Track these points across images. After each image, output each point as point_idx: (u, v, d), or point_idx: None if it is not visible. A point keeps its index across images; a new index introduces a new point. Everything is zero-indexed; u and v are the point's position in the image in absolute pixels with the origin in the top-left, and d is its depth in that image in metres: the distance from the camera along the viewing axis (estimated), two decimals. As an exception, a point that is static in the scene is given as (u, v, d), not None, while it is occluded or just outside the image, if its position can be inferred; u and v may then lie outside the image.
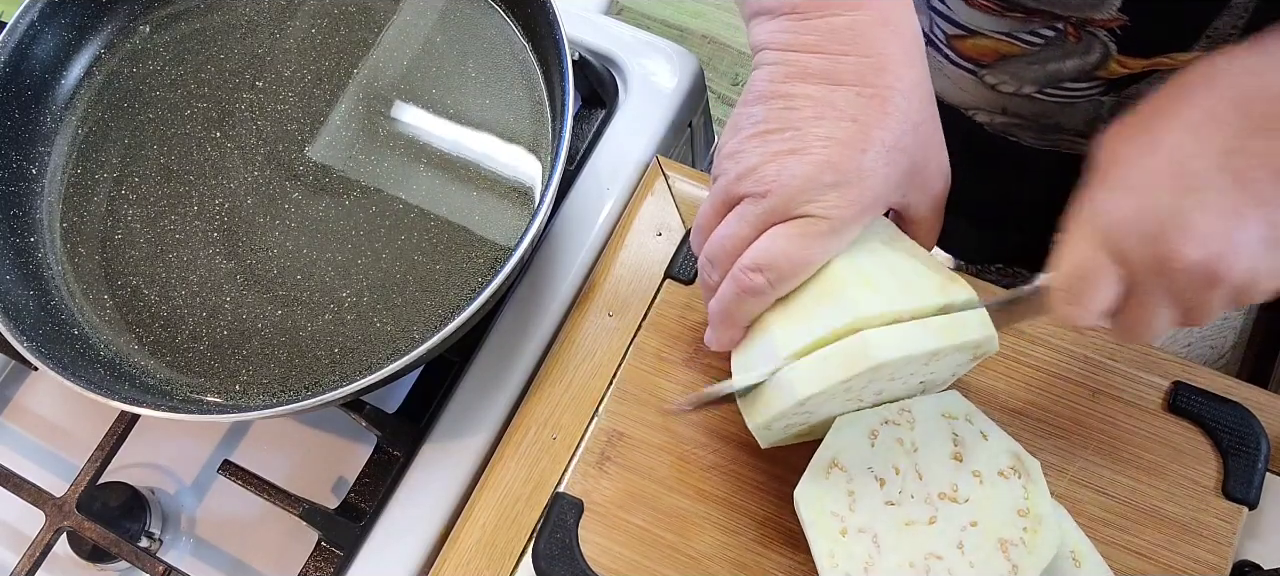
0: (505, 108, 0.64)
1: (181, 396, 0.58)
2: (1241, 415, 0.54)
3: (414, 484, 0.60)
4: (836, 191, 0.45)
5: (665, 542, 0.54)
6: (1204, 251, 0.41)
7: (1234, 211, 0.41)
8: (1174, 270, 0.41)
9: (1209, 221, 0.41)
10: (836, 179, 0.44)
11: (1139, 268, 0.42)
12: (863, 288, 0.46)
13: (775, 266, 0.46)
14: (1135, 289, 0.43)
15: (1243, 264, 0.41)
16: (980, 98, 0.66)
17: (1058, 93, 0.62)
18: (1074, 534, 0.50)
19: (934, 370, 0.50)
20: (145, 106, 0.66)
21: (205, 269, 0.61)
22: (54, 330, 0.59)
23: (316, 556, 0.59)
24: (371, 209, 0.62)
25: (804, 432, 0.52)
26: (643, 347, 0.59)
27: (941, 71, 0.66)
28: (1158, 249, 0.41)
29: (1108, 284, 0.43)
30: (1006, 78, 0.63)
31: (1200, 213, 0.41)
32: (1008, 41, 0.59)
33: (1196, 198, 0.41)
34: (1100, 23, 0.55)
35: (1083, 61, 0.58)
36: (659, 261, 0.62)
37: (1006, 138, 0.69)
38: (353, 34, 0.67)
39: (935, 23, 0.62)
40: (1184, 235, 0.41)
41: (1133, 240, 0.42)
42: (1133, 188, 0.42)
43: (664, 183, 0.65)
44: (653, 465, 0.56)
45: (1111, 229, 0.42)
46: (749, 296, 0.47)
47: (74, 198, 0.63)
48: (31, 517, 0.60)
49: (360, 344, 0.58)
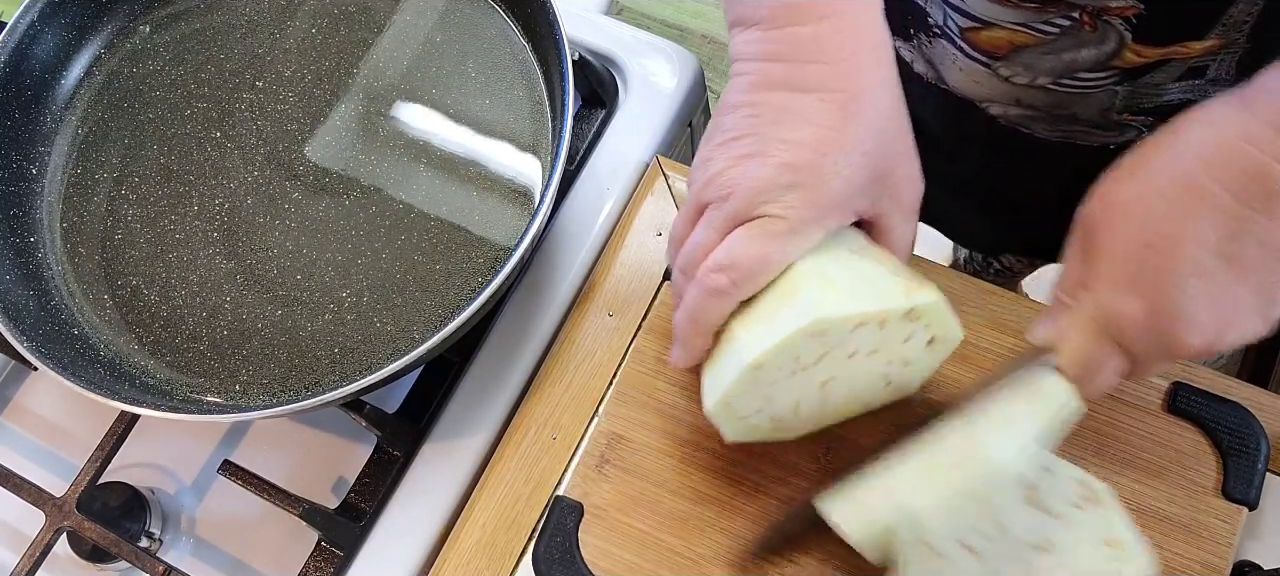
0: (505, 108, 0.64)
1: (181, 396, 0.58)
2: (1241, 415, 0.54)
3: (414, 484, 0.60)
4: (794, 192, 0.45)
5: (665, 545, 0.54)
6: (1205, 338, 0.44)
7: (1229, 292, 0.43)
8: (1178, 354, 0.45)
9: (1209, 309, 0.43)
10: (794, 181, 0.45)
11: (1145, 354, 0.46)
12: (825, 290, 0.46)
13: (736, 266, 0.47)
14: (1139, 366, 0.47)
15: (1236, 334, 0.44)
16: (994, 90, 0.66)
17: (1072, 83, 0.62)
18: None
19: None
20: (145, 106, 0.66)
21: (205, 269, 0.61)
22: (54, 330, 0.59)
23: (316, 556, 0.59)
24: (371, 209, 0.62)
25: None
26: (642, 350, 0.59)
27: (955, 65, 0.66)
28: (1163, 342, 0.44)
29: (1115, 366, 0.47)
30: (1021, 69, 0.63)
31: (1201, 304, 0.43)
32: (1023, 32, 0.59)
33: (1197, 288, 0.43)
34: (1116, 11, 0.55)
35: (1098, 51, 0.59)
36: (659, 261, 0.62)
37: (1019, 130, 0.69)
38: (353, 34, 0.67)
39: (949, 16, 0.62)
40: (1188, 328, 0.44)
41: (1138, 335, 0.45)
42: (1136, 283, 0.44)
43: (664, 182, 0.65)
44: (653, 468, 0.56)
45: (1119, 325, 0.45)
46: (713, 298, 0.48)
47: (74, 198, 0.63)
48: (31, 517, 0.60)
49: (360, 344, 0.58)
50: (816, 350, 0.47)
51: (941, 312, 0.48)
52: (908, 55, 0.70)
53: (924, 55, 0.68)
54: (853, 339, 0.47)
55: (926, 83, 0.70)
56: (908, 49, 0.70)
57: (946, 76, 0.68)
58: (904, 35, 0.69)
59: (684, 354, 0.51)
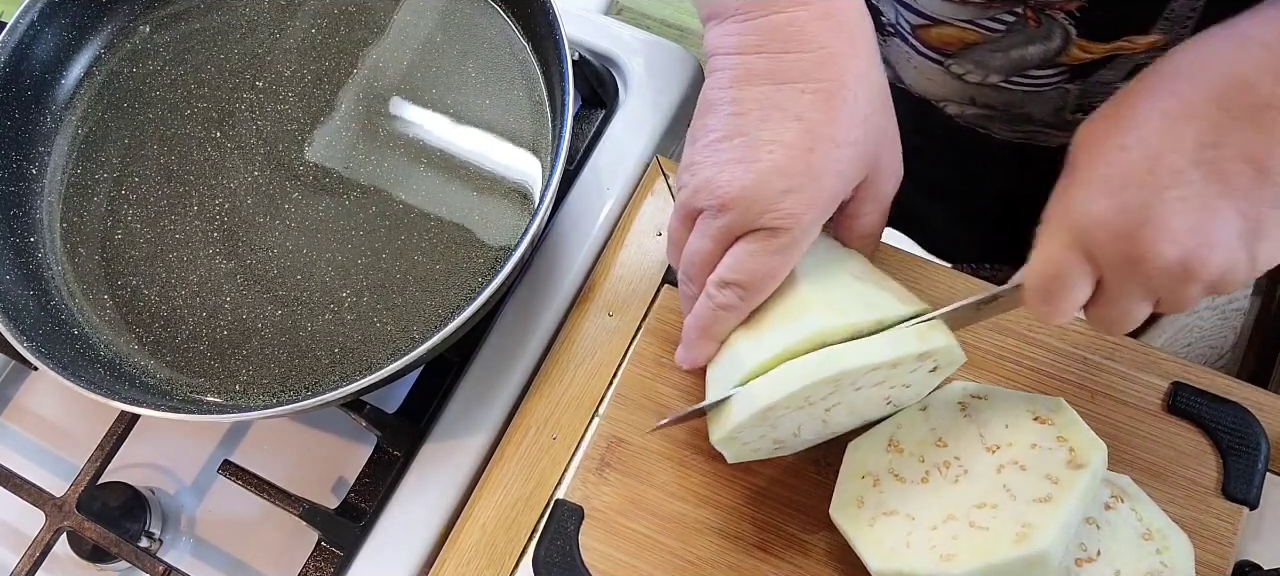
0: (505, 108, 0.64)
1: (181, 396, 0.58)
2: (1241, 415, 0.54)
3: (414, 484, 0.60)
4: (790, 197, 0.45)
5: (666, 548, 0.54)
6: (1179, 249, 0.40)
7: (1209, 206, 0.40)
8: (1149, 268, 0.41)
9: (1184, 218, 0.40)
10: (787, 185, 0.45)
11: (1112, 266, 0.42)
12: (826, 310, 0.47)
13: (744, 283, 0.47)
14: (1108, 285, 0.43)
15: (1218, 258, 0.41)
16: (948, 88, 0.66)
17: (1024, 81, 0.62)
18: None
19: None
20: (145, 106, 0.66)
21: (205, 269, 0.61)
22: (54, 330, 0.59)
23: (316, 556, 0.59)
24: (371, 209, 0.62)
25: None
26: (642, 353, 0.59)
27: (910, 63, 0.66)
28: (1132, 248, 0.41)
29: (1081, 283, 0.43)
30: (972, 67, 0.63)
31: (1175, 209, 0.40)
32: (971, 28, 0.60)
33: (1171, 194, 0.40)
34: (1059, 6, 0.55)
35: (1045, 48, 0.59)
36: (659, 261, 0.62)
37: (977, 130, 0.69)
38: (353, 34, 0.67)
39: (901, 13, 0.63)
40: (1159, 233, 0.40)
41: (1106, 239, 0.41)
42: (1107, 184, 0.41)
43: (664, 182, 0.65)
44: (653, 471, 0.56)
45: (1085, 228, 0.42)
46: (723, 312, 0.48)
47: (74, 198, 0.63)
48: (31, 517, 0.60)
49: (360, 344, 0.58)
50: (828, 390, 0.47)
51: (951, 351, 0.49)
52: None
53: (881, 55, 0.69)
54: (864, 379, 0.48)
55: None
56: None
57: (903, 76, 0.68)
58: None
59: (691, 357, 0.51)
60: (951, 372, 0.52)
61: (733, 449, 0.50)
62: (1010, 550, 0.44)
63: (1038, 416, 0.49)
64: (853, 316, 0.47)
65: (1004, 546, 0.44)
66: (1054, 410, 0.49)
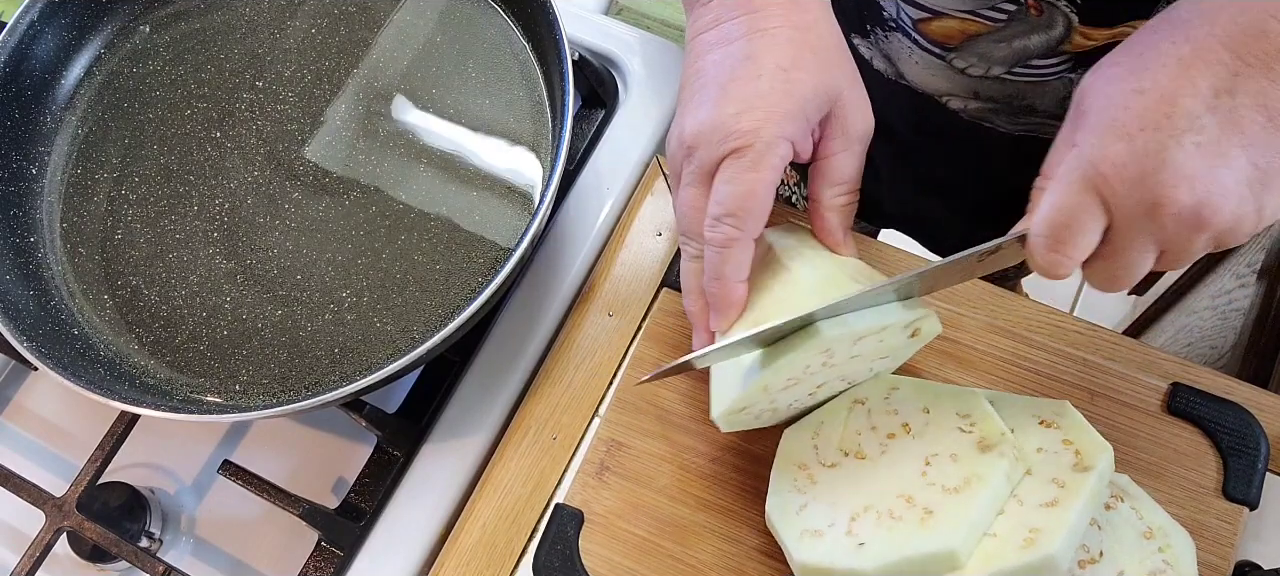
0: (505, 108, 0.64)
1: (181, 396, 0.58)
2: (1241, 416, 0.54)
3: (414, 484, 0.60)
4: (744, 116, 0.47)
5: (666, 552, 0.54)
6: (1194, 196, 0.40)
7: (1223, 153, 0.40)
8: (1163, 215, 0.40)
9: (1199, 163, 0.40)
10: (739, 108, 0.47)
11: (1125, 211, 0.41)
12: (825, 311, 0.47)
13: (732, 210, 0.47)
14: (1119, 233, 0.42)
15: (1229, 207, 0.40)
16: (951, 83, 0.66)
17: (1026, 72, 0.62)
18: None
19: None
20: (145, 106, 0.66)
21: (205, 269, 0.61)
22: (54, 330, 0.59)
23: (316, 556, 0.59)
24: (371, 209, 0.62)
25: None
26: (641, 357, 0.59)
27: (911, 58, 0.66)
28: (1149, 193, 0.40)
29: (1092, 228, 0.42)
30: (975, 60, 0.63)
31: (1191, 154, 0.40)
32: (972, 20, 0.60)
33: (1188, 138, 0.40)
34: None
35: (1047, 37, 0.59)
36: (659, 261, 0.62)
37: (980, 125, 0.69)
38: (353, 34, 0.67)
39: (902, 8, 0.63)
40: (1176, 177, 0.39)
41: (1121, 183, 0.40)
42: (1122, 128, 0.41)
43: (664, 182, 0.65)
44: (653, 475, 0.56)
45: (1101, 172, 0.41)
46: (728, 249, 0.48)
47: (74, 198, 0.63)
48: (31, 517, 0.60)
49: (360, 344, 0.58)
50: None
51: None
52: (867, 52, 0.71)
53: (882, 50, 0.69)
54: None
55: (887, 79, 0.70)
56: (866, 45, 0.70)
57: (905, 71, 0.68)
58: (861, 32, 0.69)
59: (722, 314, 0.50)
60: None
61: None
62: (1018, 556, 0.44)
63: (1043, 420, 0.49)
64: (852, 323, 0.48)
65: (1011, 552, 0.44)
66: (1059, 413, 0.49)
